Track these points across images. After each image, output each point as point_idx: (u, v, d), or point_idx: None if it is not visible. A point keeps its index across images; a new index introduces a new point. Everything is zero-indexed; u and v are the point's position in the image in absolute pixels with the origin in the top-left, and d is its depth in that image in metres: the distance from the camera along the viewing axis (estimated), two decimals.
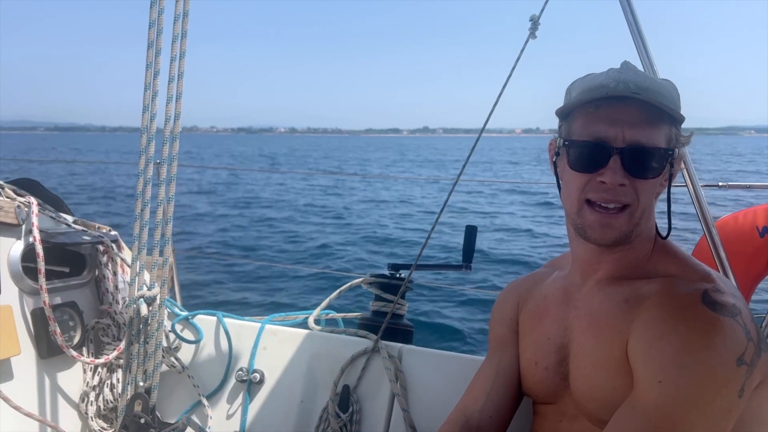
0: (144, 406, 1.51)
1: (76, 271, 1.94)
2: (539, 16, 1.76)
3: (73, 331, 1.88)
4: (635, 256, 1.13)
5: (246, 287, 7.37)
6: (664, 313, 0.98)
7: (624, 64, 1.11)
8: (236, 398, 1.88)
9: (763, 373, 0.97)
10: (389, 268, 2.07)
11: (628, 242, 1.10)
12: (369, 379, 1.77)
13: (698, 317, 0.95)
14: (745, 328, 0.94)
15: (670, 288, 1.03)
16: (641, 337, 1.00)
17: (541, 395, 1.25)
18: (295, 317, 2.05)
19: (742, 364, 0.92)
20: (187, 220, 13.14)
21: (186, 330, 1.99)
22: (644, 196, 1.06)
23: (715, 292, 0.98)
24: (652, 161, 1.05)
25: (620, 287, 1.11)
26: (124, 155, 50.81)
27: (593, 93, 1.06)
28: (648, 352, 0.98)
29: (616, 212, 1.06)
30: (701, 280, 1.02)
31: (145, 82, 1.53)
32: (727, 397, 0.92)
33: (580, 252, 1.18)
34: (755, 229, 2.00)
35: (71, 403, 1.87)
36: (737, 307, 0.96)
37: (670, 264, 1.11)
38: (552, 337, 1.21)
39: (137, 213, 1.54)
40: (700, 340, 0.93)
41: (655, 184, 1.08)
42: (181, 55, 1.52)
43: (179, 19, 1.51)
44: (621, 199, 1.05)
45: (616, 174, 1.03)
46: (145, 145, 1.53)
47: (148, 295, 1.54)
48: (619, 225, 1.06)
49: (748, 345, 0.93)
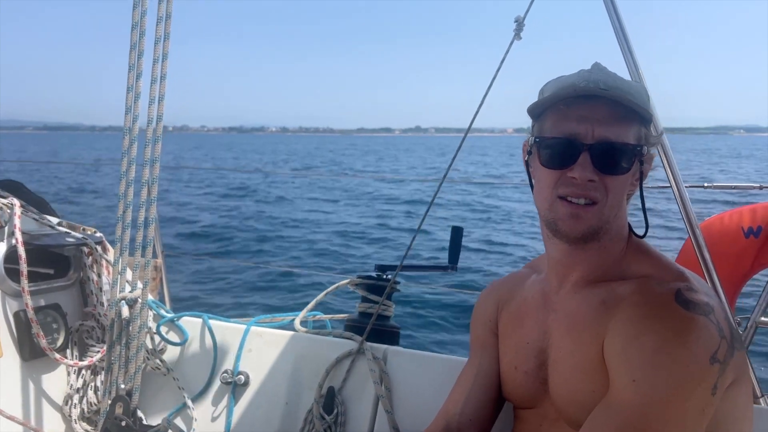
0: (125, 408, 1.50)
1: (60, 272, 1.93)
2: (524, 17, 1.77)
3: (57, 333, 1.87)
4: (608, 256, 1.13)
5: (237, 289, 7.36)
6: (639, 313, 0.99)
7: (594, 66, 1.12)
8: (221, 400, 1.88)
9: (736, 371, 0.97)
10: (376, 270, 2.07)
11: (598, 239, 1.10)
12: (354, 380, 1.77)
13: (672, 316, 0.95)
14: (719, 326, 0.95)
15: (645, 288, 1.03)
16: (616, 338, 1.00)
17: (521, 399, 1.25)
18: (281, 319, 2.04)
19: (716, 362, 0.92)
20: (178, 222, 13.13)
21: (171, 332, 1.98)
22: (613, 192, 1.07)
23: (689, 291, 0.98)
24: (620, 158, 1.06)
25: (596, 289, 1.11)
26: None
27: (563, 92, 1.08)
28: (623, 353, 0.98)
29: (586, 207, 1.07)
30: (675, 280, 1.03)
31: (127, 84, 1.53)
32: (701, 395, 0.92)
33: (554, 253, 1.18)
34: (740, 230, 2.01)
35: (55, 406, 1.86)
36: (710, 305, 0.97)
37: (644, 264, 1.11)
38: (531, 341, 1.21)
39: (119, 215, 1.54)
40: (674, 339, 0.93)
41: (625, 182, 1.09)
42: (163, 57, 1.52)
43: (162, 22, 1.51)
44: (590, 195, 1.06)
45: (585, 170, 1.05)
46: (128, 147, 1.52)
47: (129, 297, 1.53)
48: (588, 218, 1.07)
49: (721, 343, 0.93)
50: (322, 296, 2.07)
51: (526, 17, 1.76)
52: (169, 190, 19.58)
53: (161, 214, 1.99)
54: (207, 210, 15.64)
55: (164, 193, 18.10)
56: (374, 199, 19.09)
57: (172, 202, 16.40)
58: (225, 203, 17.48)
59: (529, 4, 1.73)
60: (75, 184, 22.15)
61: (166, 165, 3.87)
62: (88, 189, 20.23)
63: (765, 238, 1.96)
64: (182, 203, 16.80)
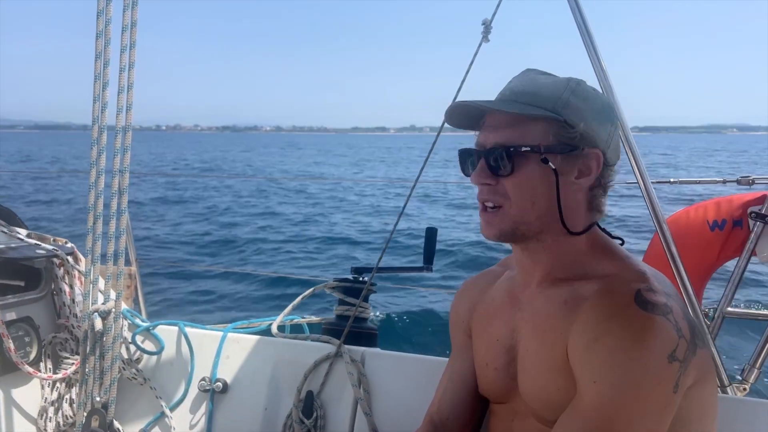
0: (101, 421, 1.49)
1: (32, 285, 1.90)
2: (491, 20, 1.79)
3: (29, 346, 1.84)
4: (564, 255, 1.15)
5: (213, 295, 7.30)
6: (599, 314, 1.01)
7: (524, 72, 1.18)
8: (199, 408, 1.87)
9: (699, 369, 1.00)
10: (352, 272, 2.07)
11: (527, 240, 1.14)
12: (332, 384, 1.78)
13: (630, 317, 0.97)
14: (677, 325, 0.97)
15: (606, 289, 1.05)
16: (578, 340, 1.02)
17: (494, 395, 1.28)
18: (258, 324, 2.04)
19: (674, 360, 0.94)
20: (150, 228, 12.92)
21: (147, 341, 1.97)
22: (515, 193, 1.10)
23: (648, 291, 1.00)
24: (514, 159, 1.09)
25: (560, 288, 1.13)
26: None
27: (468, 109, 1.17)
28: (584, 355, 1.00)
29: (492, 212, 1.13)
30: (636, 280, 1.04)
31: (93, 94, 1.51)
32: (662, 393, 0.94)
33: (515, 253, 1.23)
34: (706, 224, 2.05)
35: (29, 419, 1.83)
36: (668, 305, 0.99)
37: (606, 263, 1.13)
38: (501, 338, 1.23)
39: (89, 226, 1.52)
40: (632, 339, 0.95)
41: (528, 181, 1.09)
42: (130, 66, 1.50)
43: (127, 30, 1.49)
44: (491, 199, 1.12)
45: (479, 176, 1.12)
46: (96, 158, 1.50)
47: (102, 308, 1.51)
48: (497, 222, 1.12)
49: (679, 342, 0.95)
50: (298, 300, 2.07)
51: (493, 20, 1.79)
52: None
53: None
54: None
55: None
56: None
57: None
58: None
59: (496, 7, 1.76)
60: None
61: (136, 172, 3.80)
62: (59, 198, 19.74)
63: (729, 231, 2.01)
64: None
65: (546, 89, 1.12)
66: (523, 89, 1.12)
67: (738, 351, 4.03)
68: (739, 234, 2.02)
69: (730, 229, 2.03)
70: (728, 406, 1.39)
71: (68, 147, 62.70)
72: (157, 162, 41.97)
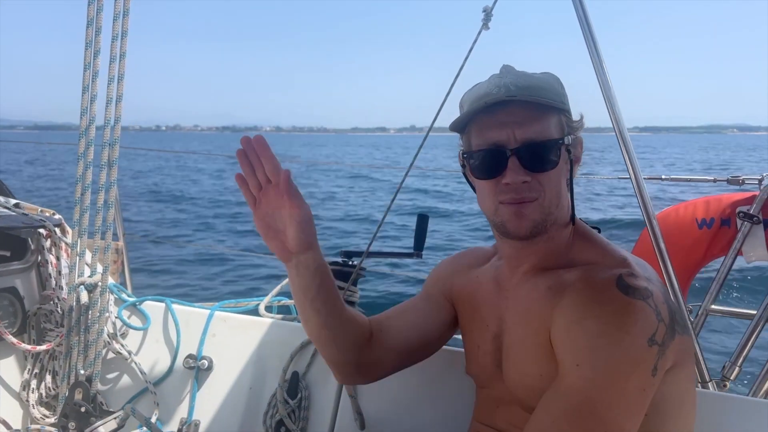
0: (85, 394, 1.48)
1: (17, 255, 1.88)
2: (492, 7, 1.78)
3: (14, 317, 1.83)
4: (555, 245, 1.17)
5: (200, 273, 7.27)
6: (581, 299, 1.02)
7: (503, 68, 1.15)
8: (184, 385, 1.87)
9: (678, 354, 1.02)
10: (341, 256, 2.07)
11: (545, 231, 1.14)
12: (318, 366, 1.78)
13: (611, 301, 0.99)
14: (656, 309, 0.98)
15: (588, 275, 1.07)
16: (561, 324, 1.04)
17: (480, 378, 1.30)
18: (245, 304, 2.03)
19: (654, 344, 0.96)
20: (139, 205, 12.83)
21: (133, 316, 1.96)
22: (549, 186, 1.11)
23: (629, 276, 1.02)
24: (547, 153, 1.09)
25: (544, 277, 1.15)
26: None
27: (477, 104, 1.11)
28: (566, 338, 1.02)
29: (526, 203, 1.11)
30: (618, 266, 1.06)
31: (84, 62, 1.48)
32: (641, 376, 0.96)
33: (505, 249, 1.24)
34: (694, 221, 2.08)
35: (11, 392, 1.82)
36: (649, 290, 1.00)
37: (589, 251, 1.15)
38: (489, 324, 1.25)
39: (77, 197, 1.50)
40: (613, 323, 0.97)
41: (559, 173, 1.12)
42: (123, 35, 1.48)
43: (119, 18, 1.46)
44: (528, 195, 1.10)
45: (517, 174, 1.08)
46: (85, 128, 1.48)
47: (88, 281, 1.50)
48: (530, 214, 1.11)
49: (658, 326, 0.97)
50: (287, 281, 2.06)
51: (494, 7, 1.78)
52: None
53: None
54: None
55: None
56: None
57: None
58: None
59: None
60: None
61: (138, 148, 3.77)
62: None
63: (717, 229, 2.04)
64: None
65: (545, 83, 1.13)
66: (527, 84, 1.11)
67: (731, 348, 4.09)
68: (727, 233, 2.04)
69: (718, 228, 2.05)
70: (709, 402, 1.40)
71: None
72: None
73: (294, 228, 1.13)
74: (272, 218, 1.15)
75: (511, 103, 1.08)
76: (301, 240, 1.13)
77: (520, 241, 1.16)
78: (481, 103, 1.10)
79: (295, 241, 1.14)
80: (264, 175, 1.12)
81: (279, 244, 1.16)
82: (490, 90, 1.11)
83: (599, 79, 1.64)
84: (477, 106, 1.10)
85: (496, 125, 1.10)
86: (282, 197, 1.11)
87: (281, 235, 1.16)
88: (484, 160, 1.12)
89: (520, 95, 1.08)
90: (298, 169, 24.27)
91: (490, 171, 1.12)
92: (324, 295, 1.20)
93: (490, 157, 1.11)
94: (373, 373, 1.34)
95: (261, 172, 1.12)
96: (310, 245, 1.15)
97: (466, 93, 1.20)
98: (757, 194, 1.99)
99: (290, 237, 1.14)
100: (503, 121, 1.09)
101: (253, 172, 1.12)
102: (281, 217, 1.14)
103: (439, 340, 1.40)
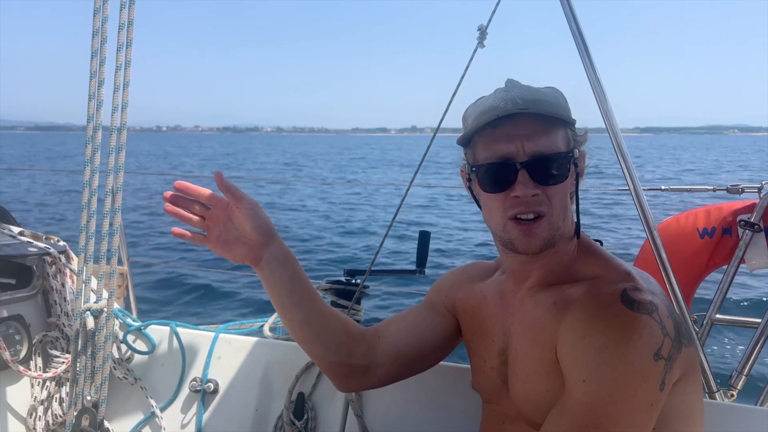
0: (92, 420, 1.49)
1: (23, 283, 1.89)
2: (487, 26, 1.80)
3: (20, 344, 1.84)
4: (560, 260, 1.17)
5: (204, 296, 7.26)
6: (586, 314, 1.03)
7: (508, 82, 1.16)
8: (190, 409, 1.87)
9: (684, 366, 1.02)
10: (345, 274, 2.08)
11: (553, 246, 1.14)
12: (324, 386, 1.78)
13: (616, 316, 0.99)
14: (662, 324, 0.99)
15: (593, 290, 1.07)
16: (566, 339, 1.04)
17: (485, 392, 1.30)
18: (250, 325, 2.04)
19: (660, 358, 0.96)
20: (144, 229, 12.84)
21: (138, 341, 1.96)
22: (556, 200, 1.11)
23: (634, 290, 1.02)
24: (556, 166, 1.10)
25: (549, 292, 1.15)
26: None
27: (486, 117, 1.11)
28: (572, 353, 1.02)
29: (535, 222, 1.10)
30: (622, 280, 1.07)
31: (89, 92, 1.51)
32: (648, 390, 0.96)
33: (510, 263, 1.23)
34: (696, 231, 2.08)
35: (19, 418, 1.82)
36: (654, 304, 1.01)
37: (593, 265, 1.15)
38: (495, 339, 1.25)
39: (83, 224, 1.51)
40: (618, 338, 0.97)
41: (565, 187, 1.13)
42: (126, 65, 1.51)
43: (124, 28, 1.49)
44: (537, 209, 1.10)
45: (527, 186, 1.08)
46: (90, 156, 1.50)
47: (94, 307, 1.51)
48: (540, 232, 1.10)
49: (664, 340, 0.97)
50: None
51: (488, 26, 1.81)
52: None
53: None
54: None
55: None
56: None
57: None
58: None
59: (491, 14, 1.77)
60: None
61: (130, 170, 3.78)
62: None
63: (719, 239, 2.04)
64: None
65: (551, 97, 1.14)
66: (534, 97, 1.11)
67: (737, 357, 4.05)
68: (729, 242, 2.05)
69: (720, 237, 2.05)
70: (716, 412, 1.40)
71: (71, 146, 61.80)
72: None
73: (250, 220, 1.17)
74: (226, 233, 1.20)
75: (518, 116, 1.08)
76: (261, 228, 1.18)
77: (527, 256, 1.15)
78: (491, 115, 1.09)
79: (257, 231, 1.18)
80: (200, 206, 1.20)
81: (244, 248, 1.19)
82: (497, 104, 1.11)
83: (594, 90, 1.65)
84: (486, 119, 1.10)
85: (505, 138, 1.09)
86: (226, 205, 1.17)
87: (242, 238, 1.19)
88: (493, 173, 1.11)
89: (529, 108, 1.08)
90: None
91: (499, 184, 1.11)
92: (300, 285, 1.22)
93: (498, 170, 1.10)
94: (370, 378, 1.33)
95: (195, 207, 1.20)
96: (271, 232, 1.20)
97: (469, 107, 1.20)
98: (757, 202, 1.99)
99: (250, 230, 1.18)
100: (512, 134, 1.09)
101: (190, 212, 1.20)
102: (233, 224, 1.19)
103: (438, 350, 1.39)
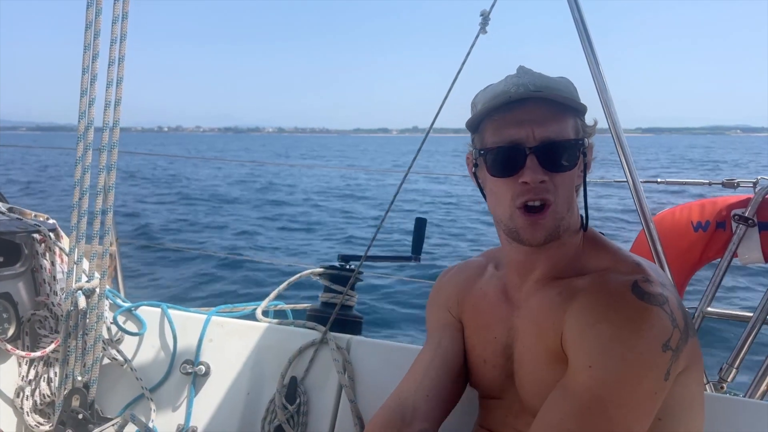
0: (82, 400, 1.46)
1: (11, 260, 1.85)
2: (489, 11, 1.78)
3: (7, 323, 1.80)
4: (566, 252, 1.16)
5: (194, 278, 7.22)
6: (595, 302, 1.02)
7: (520, 69, 1.14)
8: (181, 391, 1.85)
9: (689, 358, 1.02)
10: (339, 260, 2.06)
11: (558, 237, 1.12)
12: (317, 370, 1.77)
13: (627, 306, 0.99)
14: (672, 316, 0.99)
15: (603, 280, 1.06)
16: (573, 327, 1.03)
17: (488, 390, 1.27)
18: (242, 309, 2.02)
19: (668, 349, 0.96)
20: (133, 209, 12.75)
21: (129, 322, 1.94)
22: (562, 190, 1.09)
23: (645, 282, 1.02)
24: (566, 154, 1.08)
25: (556, 286, 1.13)
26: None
27: (497, 100, 1.09)
28: (579, 340, 1.01)
29: (541, 211, 1.09)
30: (632, 272, 1.06)
31: (83, 65, 1.47)
32: (654, 380, 0.96)
33: (514, 254, 1.20)
34: (690, 224, 2.09)
35: (5, 399, 1.80)
36: (664, 296, 1.00)
37: (602, 258, 1.14)
38: (498, 336, 1.22)
39: (75, 201, 1.48)
40: (628, 328, 0.97)
41: (572, 176, 1.11)
42: (122, 38, 1.47)
43: (118, 21, 1.45)
44: (543, 196, 1.08)
45: (536, 172, 1.06)
46: (83, 131, 1.47)
47: (86, 286, 1.48)
48: (546, 223, 1.09)
49: (673, 332, 0.97)
50: (284, 286, 2.05)
51: (491, 11, 1.78)
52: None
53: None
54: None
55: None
56: None
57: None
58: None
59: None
60: None
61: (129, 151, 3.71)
62: None
63: (712, 232, 2.05)
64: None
65: (562, 85, 1.12)
66: (546, 84, 1.09)
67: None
68: (722, 236, 2.06)
69: (714, 231, 2.06)
70: (710, 404, 1.41)
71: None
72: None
73: None
74: None
75: (529, 102, 1.07)
76: None
77: (531, 247, 1.13)
78: (502, 99, 1.07)
79: None
80: None
81: None
82: (508, 89, 1.09)
83: (596, 82, 1.65)
84: (497, 103, 1.08)
85: (515, 123, 1.07)
86: None
87: None
88: (502, 158, 1.09)
89: (542, 92, 1.07)
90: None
91: (508, 169, 1.09)
92: None
93: (507, 155, 1.08)
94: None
95: None
96: None
97: (479, 93, 1.17)
98: (751, 197, 2.00)
99: None
100: (522, 119, 1.07)
101: None
102: None
103: (465, 366, 1.32)
